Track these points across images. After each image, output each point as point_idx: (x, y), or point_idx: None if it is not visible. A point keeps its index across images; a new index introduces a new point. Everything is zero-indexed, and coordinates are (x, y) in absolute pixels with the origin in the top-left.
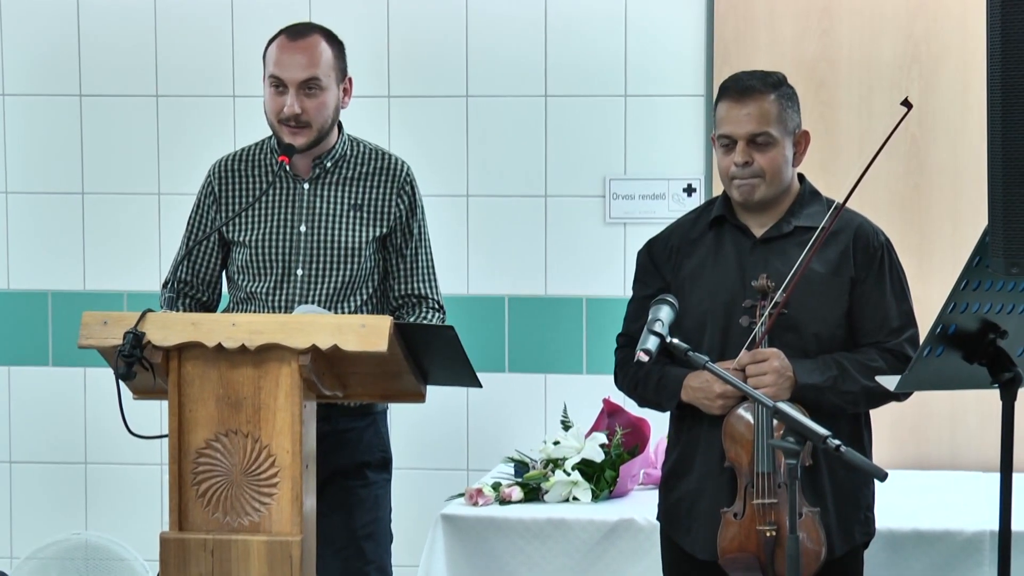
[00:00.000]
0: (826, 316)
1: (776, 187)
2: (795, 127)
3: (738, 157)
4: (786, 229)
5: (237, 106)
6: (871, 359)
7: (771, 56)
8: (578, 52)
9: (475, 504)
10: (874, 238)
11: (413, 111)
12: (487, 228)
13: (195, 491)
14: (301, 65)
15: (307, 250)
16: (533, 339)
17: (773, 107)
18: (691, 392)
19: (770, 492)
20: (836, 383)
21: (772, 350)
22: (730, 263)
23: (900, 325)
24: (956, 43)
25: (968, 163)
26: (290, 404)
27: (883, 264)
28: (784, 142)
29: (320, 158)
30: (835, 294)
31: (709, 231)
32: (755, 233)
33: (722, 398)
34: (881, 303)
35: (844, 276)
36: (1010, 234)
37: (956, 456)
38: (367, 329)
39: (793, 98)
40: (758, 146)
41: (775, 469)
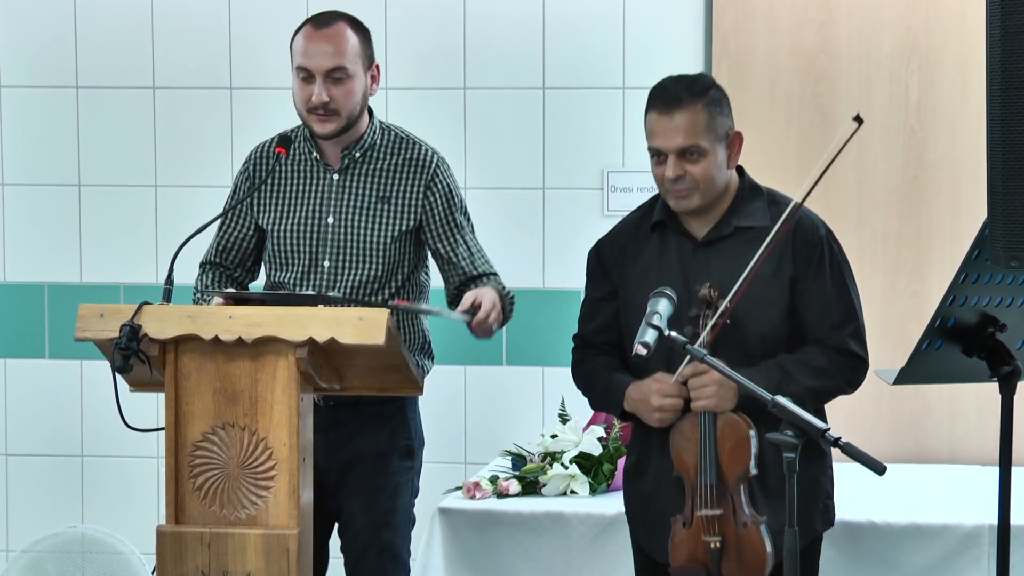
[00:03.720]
0: (770, 318)
1: (711, 194)
2: (727, 131)
3: (670, 171)
4: (727, 231)
5: (234, 98)
6: (813, 358)
7: (769, 48)
8: (576, 44)
9: (472, 497)
10: (813, 232)
11: (410, 103)
12: (485, 221)
13: (192, 484)
14: (328, 54)
15: (334, 242)
16: (531, 332)
17: (702, 116)
18: (631, 403)
19: (715, 503)
20: (780, 388)
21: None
22: (673, 268)
23: (841, 320)
24: (955, 35)
25: (967, 155)
26: (287, 397)
27: (823, 258)
28: (716, 149)
29: (349, 148)
30: (776, 294)
31: (652, 233)
32: (696, 235)
33: (660, 411)
34: (821, 298)
35: (784, 275)
36: (1009, 227)
37: (955, 450)
38: (365, 322)
39: (722, 102)
40: (689, 158)
41: (719, 480)
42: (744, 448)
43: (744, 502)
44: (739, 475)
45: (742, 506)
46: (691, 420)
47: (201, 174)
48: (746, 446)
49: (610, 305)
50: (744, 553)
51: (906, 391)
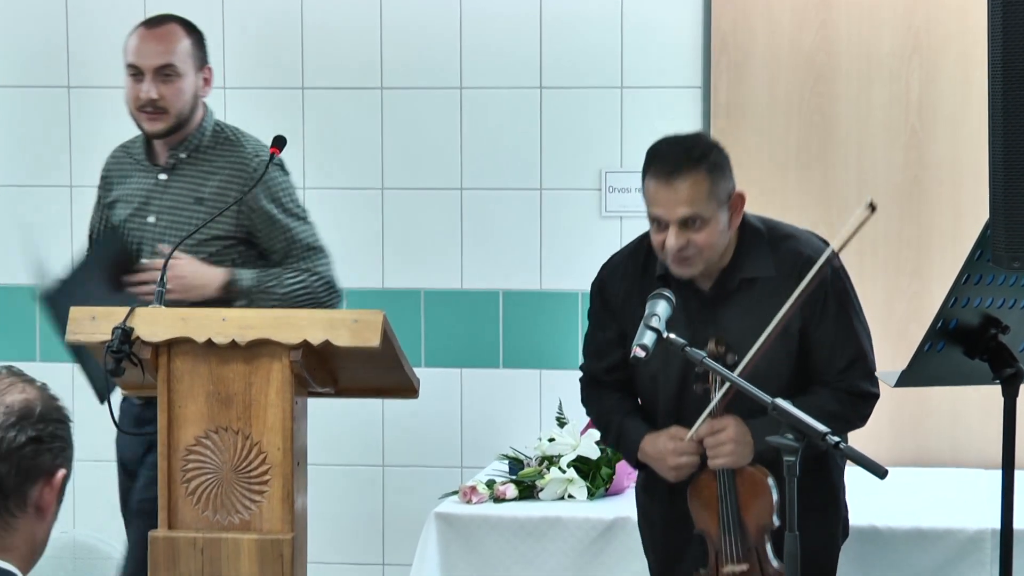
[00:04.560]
0: (780, 371)
1: (713, 257)
2: (728, 193)
3: (671, 240)
4: (731, 285)
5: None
6: (826, 402)
7: (769, 48)
8: (574, 43)
9: (469, 502)
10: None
11: (406, 103)
12: (481, 222)
13: (184, 489)
14: (157, 52)
15: (152, 242)
16: (528, 334)
17: (703, 184)
18: (646, 457)
19: (740, 558)
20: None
21: (728, 419)
22: (680, 324)
23: (849, 362)
24: (957, 33)
25: (969, 155)
26: (281, 400)
27: (827, 300)
28: (718, 215)
29: (175, 147)
30: (785, 349)
31: (656, 281)
32: (702, 287)
33: (676, 470)
34: (828, 344)
35: (792, 329)
36: (1012, 227)
37: (957, 453)
38: (360, 324)
39: (724, 165)
40: (692, 226)
41: (743, 536)
42: (765, 501)
43: (770, 554)
44: (762, 528)
45: (768, 559)
46: (708, 477)
47: None
48: (767, 499)
49: (618, 348)
50: None
51: (907, 394)
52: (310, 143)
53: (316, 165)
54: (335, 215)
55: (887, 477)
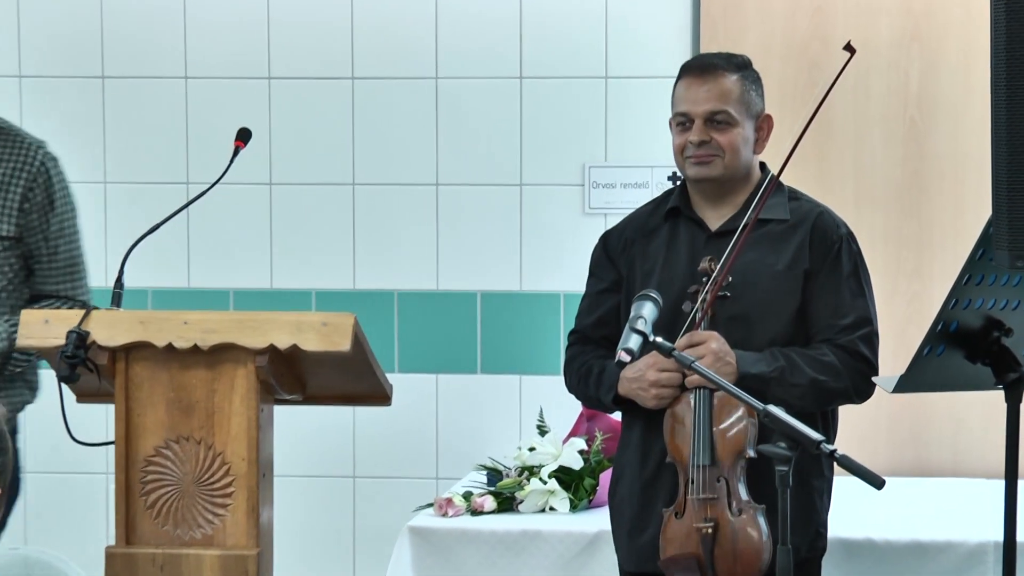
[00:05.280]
0: (779, 312)
1: (733, 168)
2: (758, 111)
3: (694, 135)
4: (742, 222)
5: (189, 88)
6: (822, 354)
7: (761, 35)
8: (556, 31)
9: (445, 515)
10: (834, 230)
11: (379, 94)
12: (458, 219)
13: (143, 502)
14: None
15: None
16: (507, 338)
17: (735, 87)
18: (627, 384)
19: (707, 486)
20: (783, 375)
21: (710, 332)
22: (682, 258)
23: (854, 321)
24: (958, 19)
25: (971, 148)
26: (246, 408)
27: (840, 256)
28: (745, 123)
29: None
30: (789, 289)
31: (664, 223)
32: (711, 226)
33: (656, 387)
34: (835, 296)
35: (799, 270)
36: (1015, 225)
37: (958, 462)
38: (329, 328)
39: (758, 82)
40: (717, 125)
41: (713, 461)
42: (741, 427)
43: (740, 487)
44: (735, 456)
45: (738, 491)
46: (685, 400)
47: (154, 170)
48: (743, 425)
49: (613, 297)
50: (738, 541)
51: (906, 400)
52: (277, 136)
53: (283, 160)
54: (303, 212)
55: (884, 487)
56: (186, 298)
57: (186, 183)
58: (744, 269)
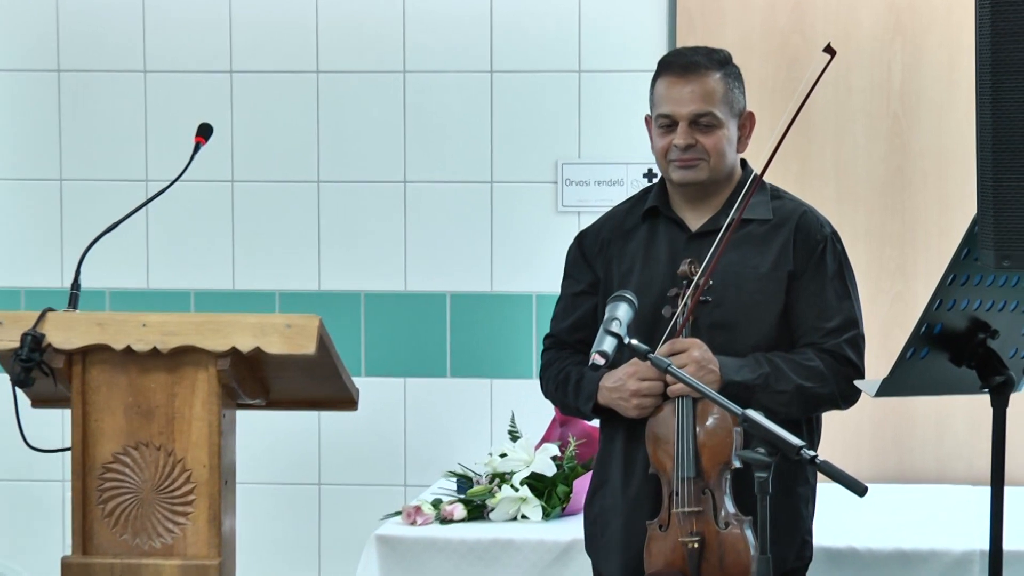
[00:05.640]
0: (763, 316)
1: (719, 171)
2: (741, 109)
3: (679, 139)
4: (723, 222)
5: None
6: (807, 359)
7: (739, 28)
8: (527, 23)
9: (413, 523)
10: (818, 229)
11: (344, 88)
12: (427, 218)
13: (101, 510)
14: None
15: None
16: (477, 340)
17: (719, 86)
18: (607, 393)
19: (693, 499)
20: (768, 381)
21: (692, 340)
22: (661, 259)
23: (839, 324)
24: (941, 13)
25: (956, 145)
26: (207, 413)
27: (824, 257)
28: (729, 123)
29: None
30: (772, 292)
31: (643, 223)
32: (691, 226)
33: (637, 396)
34: (819, 299)
35: (782, 271)
36: (1001, 223)
37: (943, 468)
38: (293, 330)
39: (740, 78)
40: (701, 128)
41: (699, 474)
42: (726, 436)
43: (727, 499)
44: (720, 467)
45: (724, 503)
46: (668, 408)
47: (112, 167)
48: (728, 435)
49: (589, 299)
50: (726, 556)
51: (889, 404)
52: (239, 132)
53: (246, 156)
54: (267, 210)
55: (867, 494)
56: (145, 299)
57: (145, 180)
58: (726, 272)
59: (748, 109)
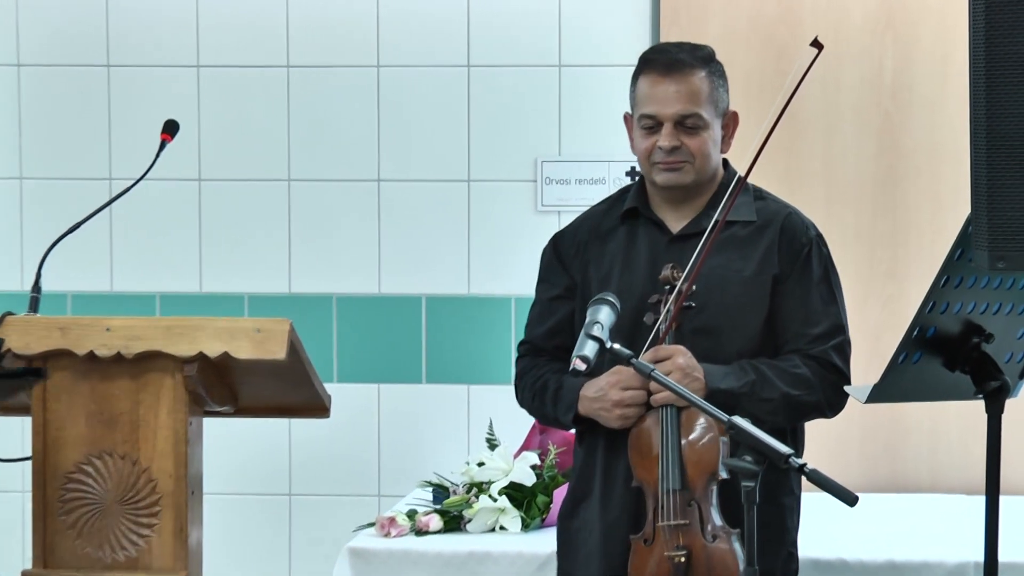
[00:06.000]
0: (748, 321)
1: (703, 174)
2: (725, 107)
3: (664, 141)
4: (706, 224)
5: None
6: (793, 365)
7: (725, 20)
8: (506, 15)
9: (387, 535)
10: (803, 232)
11: (316, 83)
12: (401, 218)
13: (63, 522)
14: None
15: None
16: (454, 345)
17: (704, 85)
18: (588, 403)
19: (679, 512)
20: (754, 389)
21: (676, 347)
22: (641, 263)
23: (826, 330)
24: (934, 6)
25: (949, 142)
26: (173, 421)
27: (810, 260)
28: (714, 124)
29: None
30: (757, 296)
31: (621, 225)
32: (672, 228)
33: (620, 407)
34: (805, 304)
35: (767, 275)
36: (995, 223)
37: (936, 477)
38: (263, 334)
39: (723, 75)
40: (686, 129)
41: (684, 485)
42: (712, 447)
43: (713, 511)
44: (706, 479)
45: (711, 516)
46: (652, 418)
47: (74, 165)
48: (714, 444)
49: (566, 304)
50: (713, 570)
51: (880, 411)
52: (207, 129)
53: (214, 154)
54: (235, 210)
55: (857, 504)
56: (109, 303)
57: (109, 179)
58: (710, 276)
59: (732, 110)
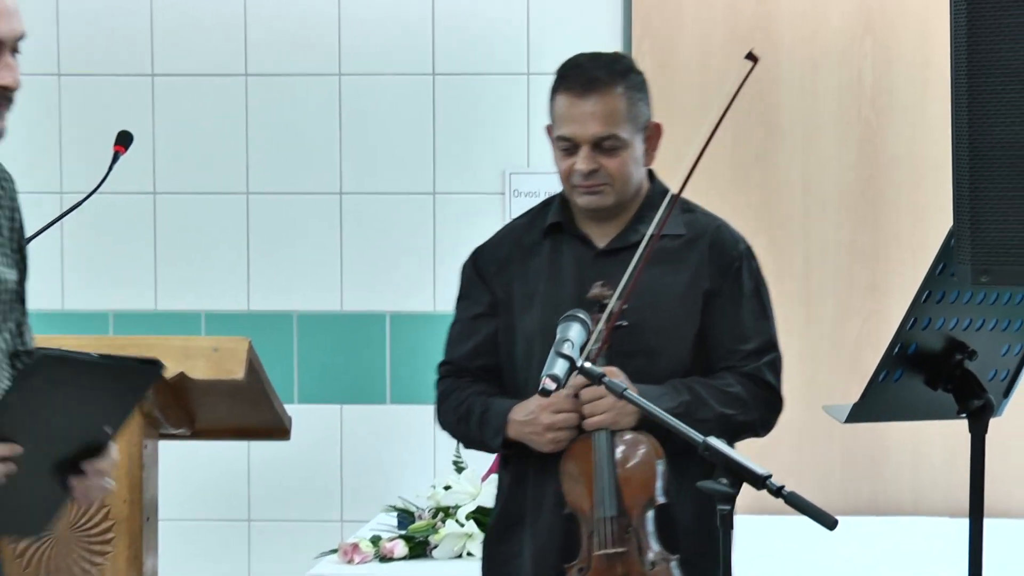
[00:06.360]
0: (681, 339)
1: (624, 194)
2: (646, 121)
3: (582, 164)
4: (633, 238)
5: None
6: (727, 384)
7: (699, 26)
8: (472, 23)
9: (351, 562)
10: (733, 245)
11: (275, 91)
12: (365, 232)
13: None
14: None
15: None
16: (420, 364)
17: (622, 102)
18: (517, 427)
19: (616, 540)
20: (689, 410)
21: (609, 368)
22: (567, 279)
23: (758, 347)
24: (915, 10)
25: (931, 152)
26: (127, 444)
27: (740, 274)
28: (634, 141)
29: None
30: (689, 312)
31: (544, 239)
32: (597, 244)
33: (552, 430)
34: (736, 320)
35: (698, 290)
36: (978, 236)
37: (919, 499)
38: (220, 353)
39: (643, 87)
40: (604, 151)
41: (621, 512)
42: (649, 471)
43: (651, 537)
44: (644, 504)
45: (649, 543)
46: (584, 442)
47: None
48: (651, 468)
49: (490, 322)
50: None
51: (861, 430)
52: (161, 140)
53: (169, 165)
54: (191, 224)
55: (837, 527)
56: (61, 321)
57: (60, 192)
58: (641, 293)
59: (655, 121)
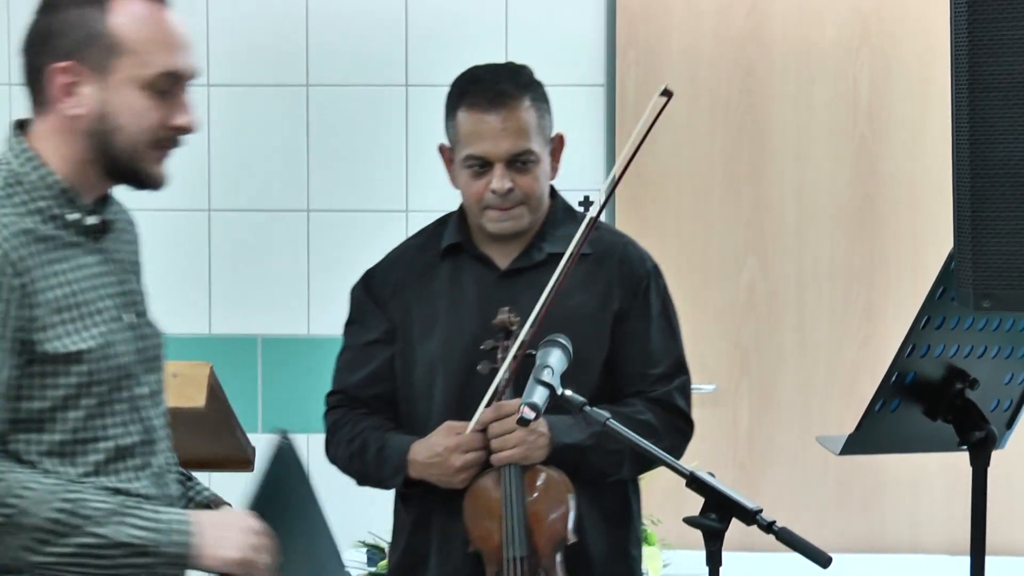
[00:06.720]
0: (592, 364)
1: (538, 213)
2: (550, 132)
3: (497, 183)
4: (537, 258)
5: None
6: (638, 411)
7: (688, 35)
8: (447, 32)
9: None
10: (640, 264)
11: (239, 103)
12: (334, 251)
13: None
14: None
15: None
16: None
17: (531, 116)
18: (421, 468)
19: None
20: (600, 441)
21: (518, 401)
22: (469, 302)
23: (667, 371)
24: (913, 21)
25: (929, 169)
26: None
27: (648, 295)
28: (544, 156)
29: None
30: (599, 334)
31: (442, 261)
32: (499, 264)
33: (464, 471)
34: (645, 341)
35: (608, 310)
36: (980, 259)
37: (917, 536)
38: (180, 379)
39: (547, 98)
40: (518, 168)
41: (531, 552)
42: (561, 509)
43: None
44: (555, 544)
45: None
46: (492, 478)
47: None
48: (563, 507)
49: (385, 349)
50: None
51: (857, 463)
52: None
53: None
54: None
55: (831, 565)
56: None
57: None
58: (550, 316)
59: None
